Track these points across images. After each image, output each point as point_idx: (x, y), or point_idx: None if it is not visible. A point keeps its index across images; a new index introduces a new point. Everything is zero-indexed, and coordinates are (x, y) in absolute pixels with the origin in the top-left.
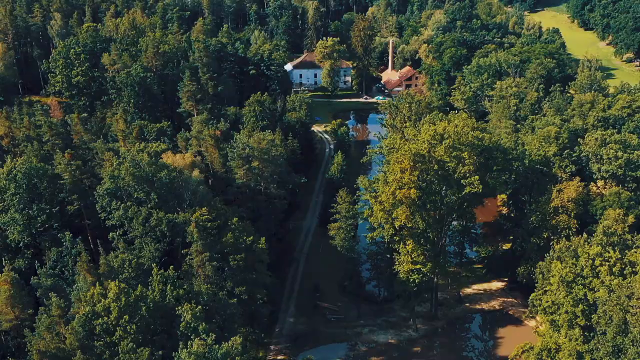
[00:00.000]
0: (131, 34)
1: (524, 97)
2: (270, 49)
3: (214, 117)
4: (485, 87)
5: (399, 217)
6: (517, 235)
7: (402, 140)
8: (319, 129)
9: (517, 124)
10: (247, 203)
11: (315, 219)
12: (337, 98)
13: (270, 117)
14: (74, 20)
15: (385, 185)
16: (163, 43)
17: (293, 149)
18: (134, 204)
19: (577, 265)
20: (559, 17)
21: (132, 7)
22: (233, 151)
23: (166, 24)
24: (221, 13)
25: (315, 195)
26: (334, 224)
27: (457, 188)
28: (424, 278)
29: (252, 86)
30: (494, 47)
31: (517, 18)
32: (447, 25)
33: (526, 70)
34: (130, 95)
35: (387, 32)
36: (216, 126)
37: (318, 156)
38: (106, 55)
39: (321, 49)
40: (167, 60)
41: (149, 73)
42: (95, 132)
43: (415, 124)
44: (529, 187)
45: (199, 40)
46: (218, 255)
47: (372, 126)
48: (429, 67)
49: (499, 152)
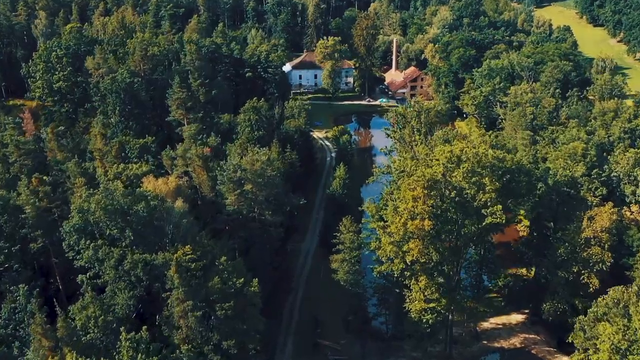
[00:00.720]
0: (120, 34)
1: (540, 103)
2: (268, 50)
3: (205, 126)
4: (497, 92)
5: (410, 252)
6: (541, 265)
7: (414, 162)
8: (319, 135)
9: (534, 134)
10: (239, 231)
11: (316, 239)
12: (338, 100)
13: (266, 127)
14: (60, 19)
15: (395, 215)
16: (152, 45)
17: (292, 162)
18: (106, 243)
19: (630, 328)
20: (567, 13)
21: (122, 4)
22: (223, 174)
23: (159, 22)
24: (217, 10)
25: (316, 212)
26: (336, 256)
27: (476, 218)
28: (438, 317)
29: (249, 89)
30: (505, 47)
31: (526, 15)
32: (454, 23)
33: (541, 74)
34: (115, 103)
35: (391, 29)
36: (206, 141)
37: (318, 166)
38: (90, 58)
39: (322, 49)
40: (157, 64)
41: (137, 78)
42: (72, 149)
43: (425, 137)
44: (552, 210)
45: (191, 41)
46: (203, 303)
47: (376, 131)
48: (435, 68)
49: (522, 175)
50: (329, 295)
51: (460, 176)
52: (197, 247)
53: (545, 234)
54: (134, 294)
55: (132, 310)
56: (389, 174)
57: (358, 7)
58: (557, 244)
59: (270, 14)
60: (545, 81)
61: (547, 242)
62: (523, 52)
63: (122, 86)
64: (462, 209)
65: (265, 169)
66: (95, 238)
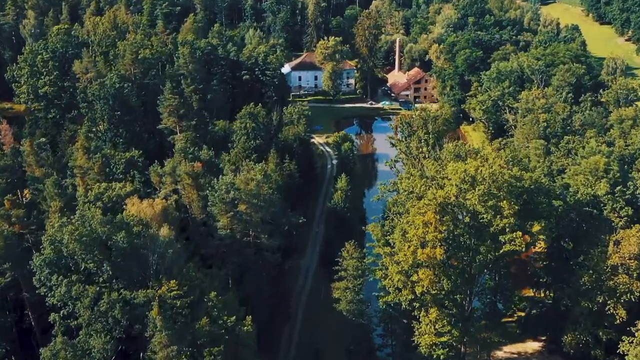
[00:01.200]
0: (112, 35)
1: (552, 109)
2: (266, 51)
3: (199, 134)
4: (506, 97)
5: (420, 282)
6: (561, 291)
7: (423, 181)
8: (319, 140)
9: (548, 144)
10: (233, 257)
11: (316, 255)
12: (339, 103)
13: (264, 135)
14: (49, 19)
15: (403, 241)
16: (144, 47)
17: (290, 174)
18: (81, 279)
19: None
20: (572, 10)
21: (115, 3)
22: (214, 194)
23: (154, 21)
24: (215, 8)
25: (316, 225)
26: (338, 284)
27: (493, 244)
28: (451, 352)
29: (246, 92)
30: (513, 48)
31: (533, 14)
32: (458, 22)
33: (552, 77)
34: (104, 110)
35: (393, 28)
36: (197, 155)
37: (318, 175)
38: (78, 62)
39: (322, 50)
40: (149, 67)
41: (127, 83)
42: (52, 164)
43: (433, 148)
44: (572, 230)
45: (186, 43)
46: (189, 348)
47: (378, 135)
48: (440, 70)
49: (541, 196)
50: (330, 321)
51: (476, 199)
52: (184, 280)
53: (565, 258)
54: (112, 337)
55: (111, 354)
56: (395, 190)
57: (359, 5)
58: (580, 271)
59: (269, 13)
60: (557, 85)
61: (566, 266)
62: (533, 54)
63: (110, 92)
64: (477, 234)
65: (262, 186)
66: (69, 272)
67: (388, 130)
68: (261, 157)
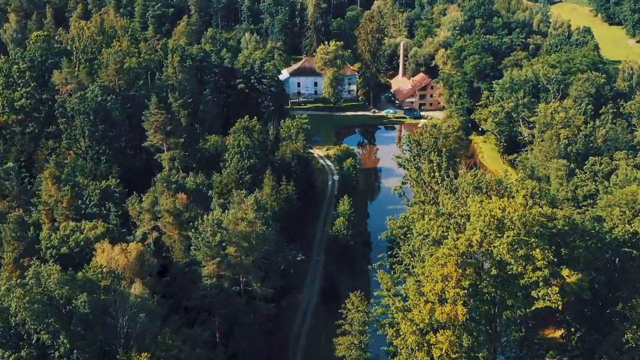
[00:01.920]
0: (99, 40)
1: (571, 122)
2: (263, 58)
3: (188, 152)
4: (520, 108)
5: (439, 344)
6: (598, 347)
7: (440, 221)
8: (319, 152)
9: (570, 163)
10: (220, 309)
11: (316, 288)
12: (340, 111)
13: (259, 153)
14: (32, 23)
15: (418, 295)
16: (130, 55)
17: (287, 197)
18: (33, 354)
19: None
20: (580, 10)
21: (104, 5)
22: (199, 237)
23: (146, 23)
24: (210, 9)
25: (316, 252)
26: (342, 339)
27: (523, 298)
28: None
29: (241, 102)
30: (525, 54)
31: (543, 15)
32: (465, 24)
33: (569, 86)
34: (84, 126)
35: (396, 30)
36: (182, 184)
37: (318, 193)
38: (57, 72)
39: (322, 55)
40: (135, 77)
41: (110, 95)
42: (19, 195)
43: (446, 172)
44: (608, 272)
45: (176, 49)
46: None
47: (382, 146)
48: (448, 76)
49: (577, 239)
50: None
51: (505, 249)
52: (159, 350)
53: (600, 305)
54: None
55: None
56: (407, 227)
57: (360, 5)
58: (621, 324)
59: (266, 14)
60: (576, 96)
61: (602, 315)
62: (547, 60)
63: (92, 105)
64: (505, 287)
65: (254, 222)
66: (18, 346)
67: (392, 140)
68: (256, 178)
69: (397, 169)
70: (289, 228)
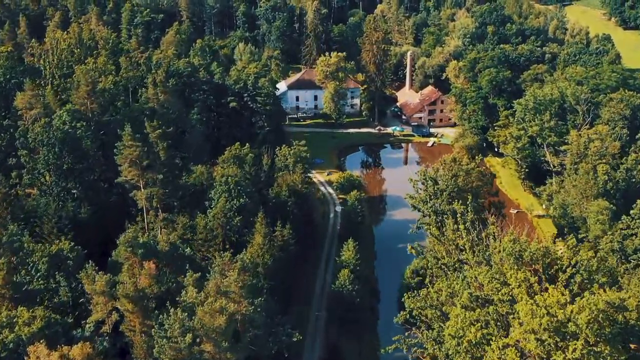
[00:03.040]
0: (76, 53)
1: (607, 151)
2: (258, 72)
3: (168, 189)
4: (546, 133)
5: None
6: None
7: (477, 314)
8: (320, 177)
9: (612, 204)
10: None
11: (317, 353)
12: (342, 127)
13: (250, 190)
14: (4, 33)
15: None
16: (106, 74)
17: (283, 245)
18: None
19: None
20: (591, 13)
21: (86, 12)
22: (164, 338)
23: (134, 31)
24: (202, 15)
25: (316, 306)
26: None
27: None
28: None
29: (233, 122)
30: (546, 67)
31: (559, 21)
32: (476, 32)
33: (600, 107)
34: (48, 159)
35: (402, 37)
36: (153, 247)
37: (319, 229)
38: (20, 95)
39: (323, 67)
40: (112, 99)
41: (81, 122)
42: None
43: (473, 225)
44: None
45: (160, 65)
46: None
47: (390, 170)
48: (461, 91)
49: None
50: None
51: None
52: None
53: None
54: None
55: None
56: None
57: (363, 9)
58: None
59: (263, 21)
60: (608, 118)
61: None
62: (571, 75)
63: (57, 135)
64: None
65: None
66: None
67: (399, 162)
68: (247, 219)
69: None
70: (285, 280)
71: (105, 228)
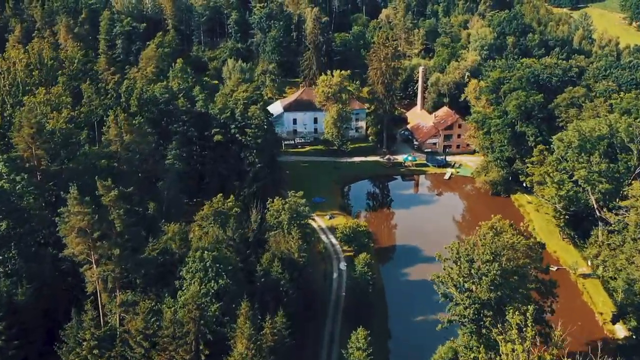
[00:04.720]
0: (35, 75)
1: None
2: (248, 96)
3: (126, 266)
4: (596, 177)
5: None
6: None
7: None
8: (321, 223)
9: None
10: None
11: None
12: (346, 155)
13: (233, 266)
14: None
15: None
16: (60, 108)
17: (275, 342)
18: None
19: None
20: (608, 16)
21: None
22: None
23: (113, 42)
24: (191, 23)
25: None
26: None
27: None
28: None
29: (218, 156)
30: (584, 91)
31: (585, 31)
32: (495, 43)
33: None
34: None
35: (410, 48)
36: None
37: (320, 295)
38: None
39: (324, 88)
40: (64, 142)
41: (21, 175)
42: None
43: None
44: None
45: (130, 90)
46: None
47: (401, 212)
48: (484, 118)
49: None
50: None
51: None
52: None
53: None
54: None
55: None
56: None
57: (366, 14)
58: None
59: (257, 30)
60: None
61: None
62: (617, 105)
63: None
64: None
65: None
66: None
67: (413, 200)
68: (229, 307)
69: (421, 245)
70: None
71: (52, 313)
